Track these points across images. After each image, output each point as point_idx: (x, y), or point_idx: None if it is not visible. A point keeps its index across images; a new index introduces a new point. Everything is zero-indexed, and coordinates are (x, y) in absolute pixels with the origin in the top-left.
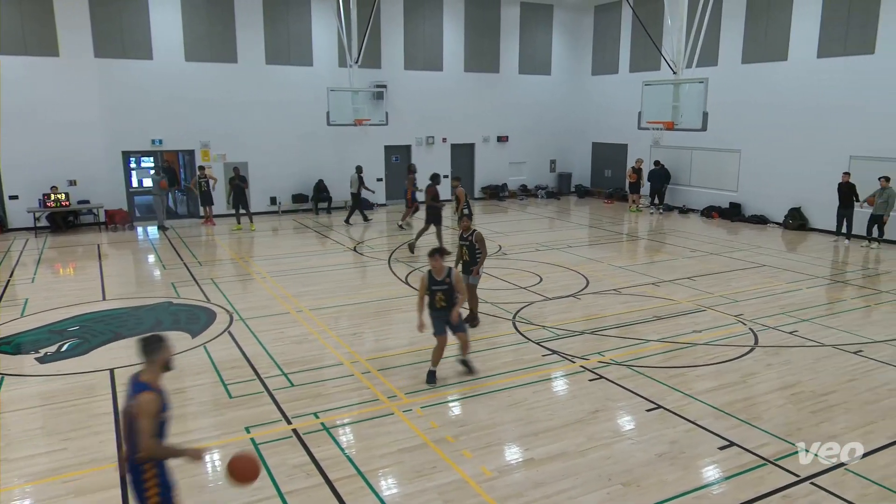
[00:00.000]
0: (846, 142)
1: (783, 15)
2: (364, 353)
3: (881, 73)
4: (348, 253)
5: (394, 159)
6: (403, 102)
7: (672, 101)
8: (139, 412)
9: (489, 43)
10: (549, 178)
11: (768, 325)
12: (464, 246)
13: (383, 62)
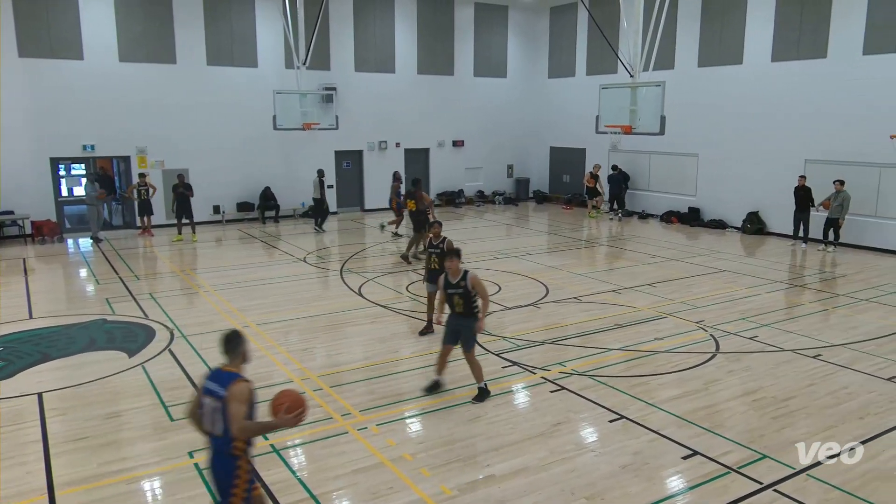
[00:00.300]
0: (801, 145)
1: (737, 18)
2: (316, 370)
3: (833, 76)
4: (298, 264)
5: (345, 165)
6: (354, 106)
7: (629, 105)
8: (233, 399)
9: (443, 44)
10: (506, 183)
11: (729, 331)
12: (433, 254)
13: (332, 64)
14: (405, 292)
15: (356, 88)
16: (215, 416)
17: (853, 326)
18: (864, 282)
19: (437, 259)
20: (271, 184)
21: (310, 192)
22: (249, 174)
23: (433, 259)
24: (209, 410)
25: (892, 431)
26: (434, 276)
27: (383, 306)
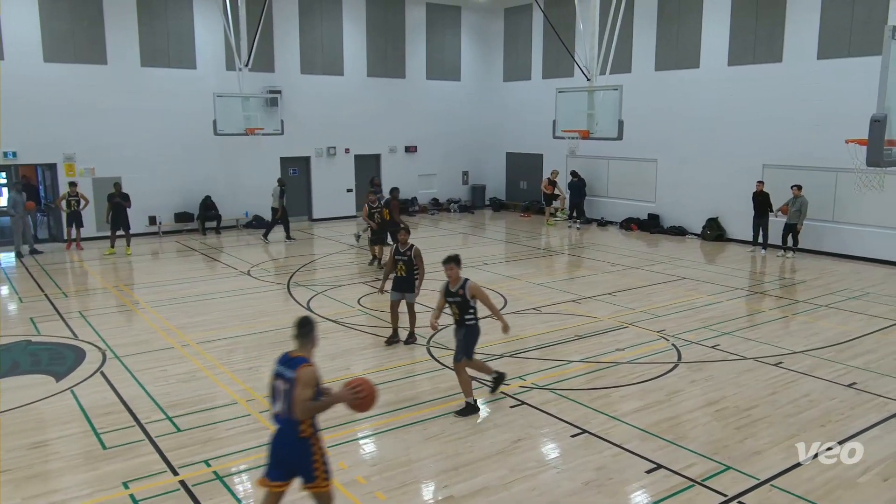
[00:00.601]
0: (759, 150)
1: (694, 22)
2: (262, 390)
3: (789, 81)
4: (242, 277)
5: (291, 172)
6: (301, 110)
7: (587, 109)
8: (300, 381)
9: (394, 46)
10: (461, 190)
11: (690, 340)
12: (400, 261)
13: (277, 65)
14: (356, 305)
15: (302, 91)
16: (286, 398)
17: (813, 333)
18: (822, 287)
19: (403, 267)
20: (212, 192)
21: (256, 202)
22: (188, 182)
23: (400, 267)
24: (280, 393)
25: (852, 439)
26: (399, 285)
27: (333, 321)
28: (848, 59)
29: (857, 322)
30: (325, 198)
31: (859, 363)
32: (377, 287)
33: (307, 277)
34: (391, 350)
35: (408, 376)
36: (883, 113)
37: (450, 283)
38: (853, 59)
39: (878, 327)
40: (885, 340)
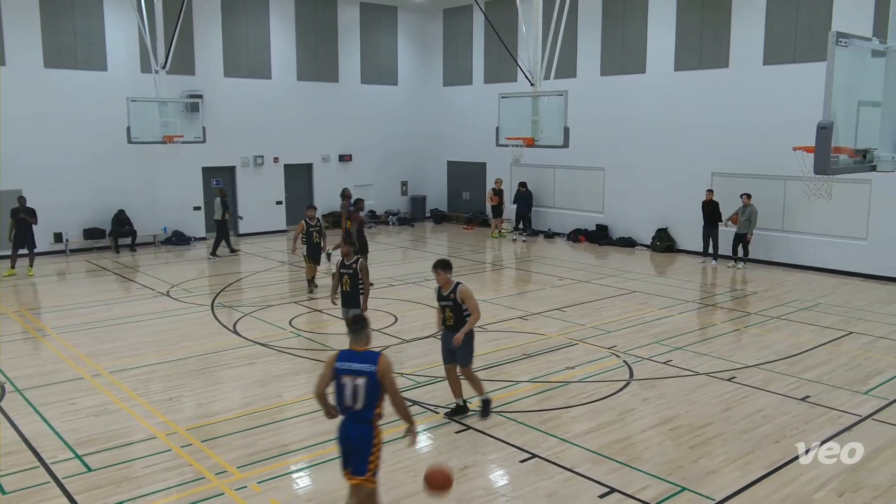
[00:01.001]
0: (707, 158)
1: (639, 26)
2: (184, 422)
3: (736, 86)
4: (160, 299)
5: (214, 183)
6: (224, 116)
7: (531, 116)
8: (387, 371)
9: (326, 48)
10: (400, 202)
11: (642, 356)
12: (345, 275)
13: (198, 68)
14: (288, 327)
15: (226, 96)
16: (358, 392)
17: (765, 346)
18: (774, 299)
19: (348, 281)
20: (126, 206)
21: (175, 216)
22: (99, 195)
23: (345, 281)
24: (350, 388)
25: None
26: (346, 300)
27: (263, 344)
28: (794, 65)
29: (809, 333)
30: (253, 211)
31: (812, 376)
32: (310, 306)
33: (233, 298)
34: None
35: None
36: (829, 120)
37: (441, 287)
38: (799, 65)
39: (829, 339)
40: (836, 352)
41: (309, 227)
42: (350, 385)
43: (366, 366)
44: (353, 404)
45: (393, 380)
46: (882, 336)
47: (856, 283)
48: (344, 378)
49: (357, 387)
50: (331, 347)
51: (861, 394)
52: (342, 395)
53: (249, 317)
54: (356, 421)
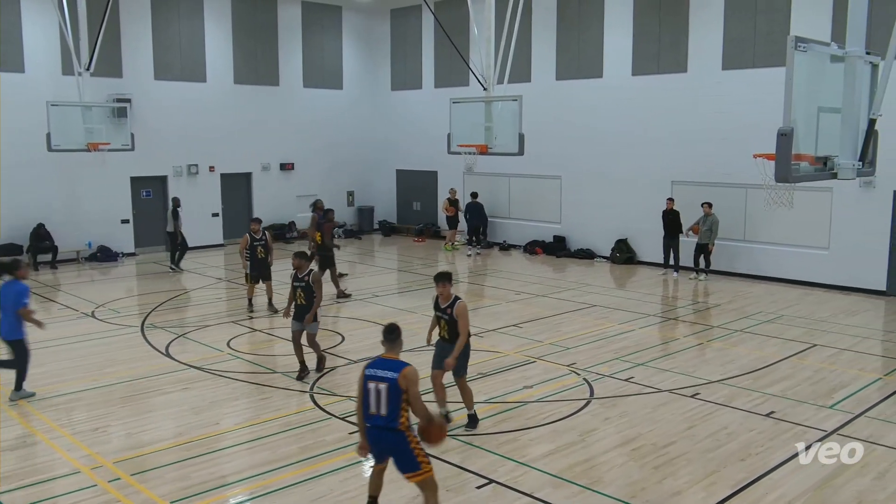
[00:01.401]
0: (667, 166)
1: (595, 29)
2: (111, 454)
3: (695, 91)
4: (85, 320)
5: (144, 194)
6: (155, 122)
7: (484, 122)
8: (412, 381)
9: (265, 49)
10: (346, 213)
11: (603, 374)
12: (298, 288)
13: (125, 70)
14: (226, 349)
15: (157, 100)
16: (381, 398)
17: (729, 360)
18: (737, 311)
19: (302, 294)
20: (46, 220)
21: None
22: (16, 208)
23: (299, 294)
24: (374, 393)
25: (773, 472)
26: (299, 314)
27: (198, 368)
28: (753, 70)
29: (773, 347)
30: (186, 224)
31: (776, 390)
32: (250, 326)
33: (166, 318)
34: (266, 399)
35: (285, 429)
36: (789, 126)
37: (440, 299)
38: (758, 70)
39: (793, 351)
40: (800, 365)
41: (253, 241)
42: (374, 390)
43: (389, 372)
44: (378, 410)
45: (417, 392)
46: (846, 348)
47: (818, 293)
48: (370, 384)
49: (380, 392)
50: (271, 370)
51: (826, 408)
52: (368, 400)
53: (183, 338)
54: (384, 430)
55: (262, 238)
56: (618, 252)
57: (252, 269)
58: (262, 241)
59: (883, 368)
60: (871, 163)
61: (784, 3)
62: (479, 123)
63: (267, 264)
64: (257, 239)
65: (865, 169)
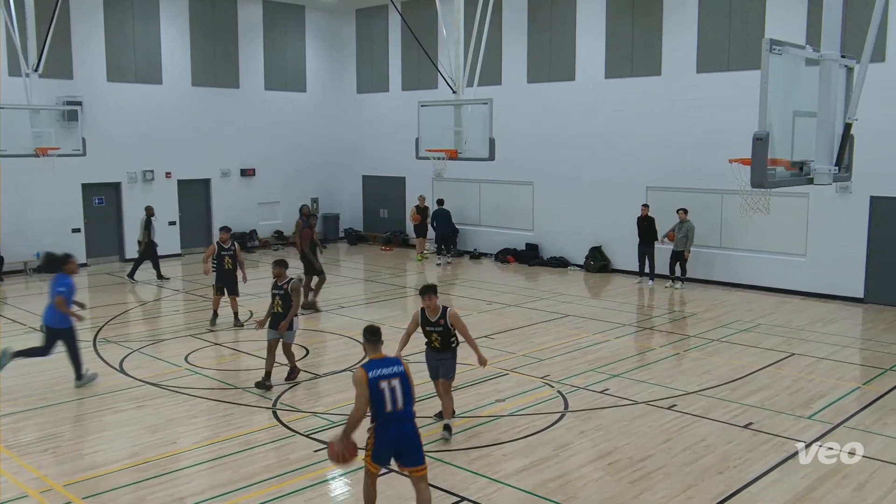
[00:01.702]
0: (641, 171)
1: (567, 30)
2: (61, 477)
3: (669, 95)
4: (33, 335)
5: (96, 202)
6: (108, 126)
7: (454, 126)
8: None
9: (225, 50)
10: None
11: (577, 385)
12: (277, 296)
13: (76, 71)
14: (183, 364)
15: (110, 103)
16: (397, 393)
17: (706, 370)
18: (713, 320)
19: (280, 302)
20: None
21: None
22: None
23: (277, 302)
24: (389, 391)
25: (752, 485)
26: (276, 322)
27: (154, 384)
28: (728, 73)
29: (750, 356)
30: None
31: (754, 401)
32: (209, 339)
33: (119, 332)
34: (227, 416)
35: (247, 448)
36: (765, 131)
37: (428, 312)
38: (733, 74)
39: (771, 361)
40: (778, 375)
41: (221, 250)
42: (388, 388)
43: (394, 367)
44: (396, 406)
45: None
46: (824, 357)
47: (796, 301)
48: (382, 383)
49: (394, 388)
50: (233, 386)
51: (805, 418)
52: (383, 400)
53: (139, 353)
54: (404, 420)
55: (230, 248)
56: (592, 260)
57: (218, 279)
58: (230, 252)
59: (861, 377)
60: (847, 168)
61: (759, 5)
62: (448, 127)
63: (234, 276)
64: (225, 249)
65: (841, 174)
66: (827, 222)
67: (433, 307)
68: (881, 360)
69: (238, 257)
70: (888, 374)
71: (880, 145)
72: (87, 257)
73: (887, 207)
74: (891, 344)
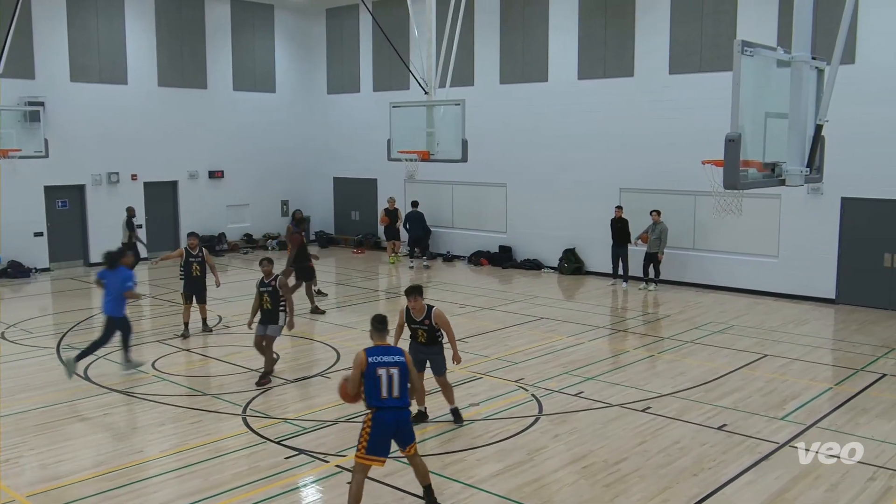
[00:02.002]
0: (615, 172)
1: (540, 31)
2: (24, 487)
3: (642, 96)
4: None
5: (59, 205)
6: (72, 126)
7: (426, 127)
8: (411, 361)
9: (192, 49)
10: (280, 223)
11: (552, 389)
12: (265, 293)
13: (38, 71)
14: (151, 370)
15: (73, 104)
16: (393, 381)
17: (680, 372)
18: (687, 322)
19: (269, 299)
20: None
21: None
22: None
23: (265, 300)
24: (387, 378)
25: (727, 486)
26: (265, 318)
27: (120, 391)
28: (700, 75)
29: (724, 358)
30: (107, 237)
31: (728, 402)
32: (177, 345)
33: (84, 338)
34: (196, 423)
35: (216, 455)
36: (737, 132)
37: (413, 312)
38: (705, 75)
39: (744, 362)
40: (751, 376)
41: (189, 257)
42: (386, 376)
43: (396, 357)
44: (391, 393)
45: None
46: (796, 358)
47: (768, 302)
48: (380, 370)
49: (392, 376)
50: (202, 392)
51: (778, 419)
52: (379, 386)
53: (104, 360)
54: (399, 409)
55: (198, 255)
56: (566, 262)
57: (186, 287)
58: (198, 258)
59: (833, 378)
60: (818, 169)
61: (730, 7)
62: (420, 129)
63: (203, 283)
64: (193, 255)
65: (813, 175)
66: (799, 224)
67: (419, 308)
68: (852, 361)
69: (208, 262)
70: (859, 375)
71: (851, 147)
72: (51, 262)
73: (858, 209)
74: (862, 344)
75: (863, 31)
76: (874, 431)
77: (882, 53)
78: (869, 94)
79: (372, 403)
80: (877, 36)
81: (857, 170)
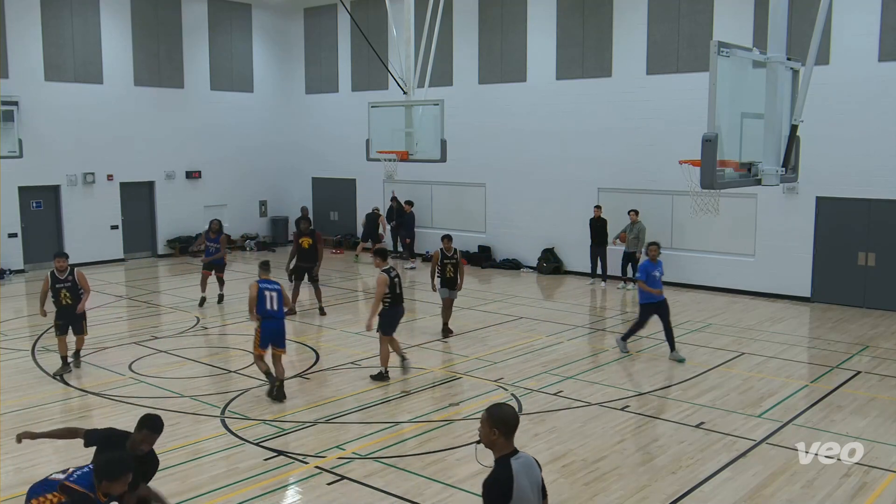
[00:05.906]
0: (593, 172)
1: (518, 31)
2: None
3: (619, 96)
4: None
5: (34, 205)
6: (46, 126)
7: (405, 127)
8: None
9: (168, 48)
10: (259, 224)
11: (531, 388)
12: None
13: (12, 70)
14: (128, 372)
15: (47, 103)
16: (274, 301)
17: (658, 371)
18: None
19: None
20: None
21: None
22: None
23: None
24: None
25: (704, 484)
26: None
27: (96, 394)
28: (677, 75)
29: (701, 356)
30: (83, 238)
31: (705, 401)
32: (154, 347)
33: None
34: (174, 425)
35: (195, 457)
36: (713, 132)
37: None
38: (682, 76)
39: (721, 361)
40: (728, 374)
41: (55, 283)
42: (268, 297)
43: (276, 285)
44: (274, 308)
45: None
46: (772, 356)
47: (745, 301)
48: (266, 292)
49: (273, 297)
50: (179, 394)
51: (755, 417)
52: (265, 303)
53: (81, 361)
54: (278, 319)
55: (67, 279)
56: (545, 262)
57: (58, 317)
58: (66, 284)
59: (809, 375)
60: (793, 169)
61: (707, 8)
62: (399, 129)
63: (75, 313)
64: (61, 280)
65: (788, 175)
66: (775, 223)
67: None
68: (827, 359)
69: (82, 284)
70: (834, 372)
71: (826, 147)
72: (25, 263)
73: (833, 208)
74: (837, 342)
75: (837, 32)
76: (849, 428)
77: (856, 54)
78: (843, 94)
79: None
80: (851, 37)
81: (832, 169)
